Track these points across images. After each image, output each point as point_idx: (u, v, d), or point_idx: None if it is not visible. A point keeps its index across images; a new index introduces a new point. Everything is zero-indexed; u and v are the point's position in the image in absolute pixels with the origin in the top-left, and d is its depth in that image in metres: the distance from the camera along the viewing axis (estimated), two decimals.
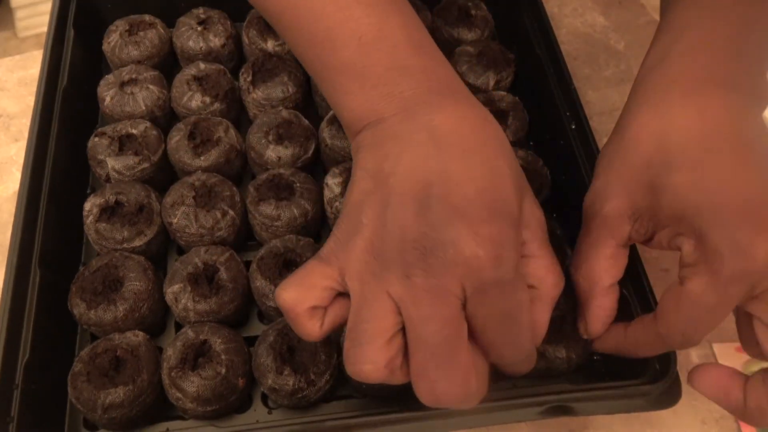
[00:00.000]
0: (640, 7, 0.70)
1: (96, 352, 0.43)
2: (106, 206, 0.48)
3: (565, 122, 0.51)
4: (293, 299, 0.34)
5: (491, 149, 0.34)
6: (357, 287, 0.33)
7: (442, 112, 0.34)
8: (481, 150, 0.34)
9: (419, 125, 0.34)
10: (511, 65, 0.58)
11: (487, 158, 0.33)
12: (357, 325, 0.33)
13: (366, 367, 0.32)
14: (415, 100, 0.35)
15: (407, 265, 0.31)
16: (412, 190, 0.32)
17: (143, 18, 0.60)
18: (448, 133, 0.34)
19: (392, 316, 0.32)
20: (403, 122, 0.35)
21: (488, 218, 0.32)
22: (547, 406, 0.40)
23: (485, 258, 0.31)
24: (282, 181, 0.50)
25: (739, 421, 0.47)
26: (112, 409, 0.41)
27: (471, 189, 0.32)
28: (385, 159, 0.34)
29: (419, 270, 0.31)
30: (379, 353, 0.32)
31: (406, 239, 0.32)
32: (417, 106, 0.35)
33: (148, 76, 0.56)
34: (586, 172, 0.48)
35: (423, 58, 0.37)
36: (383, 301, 0.32)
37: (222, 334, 0.44)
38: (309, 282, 0.34)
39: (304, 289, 0.34)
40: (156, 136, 0.53)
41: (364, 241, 0.33)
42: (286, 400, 0.43)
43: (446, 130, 0.34)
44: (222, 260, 0.47)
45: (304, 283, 0.34)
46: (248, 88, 0.55)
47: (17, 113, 0.63)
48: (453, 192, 0.32)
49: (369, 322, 0.32)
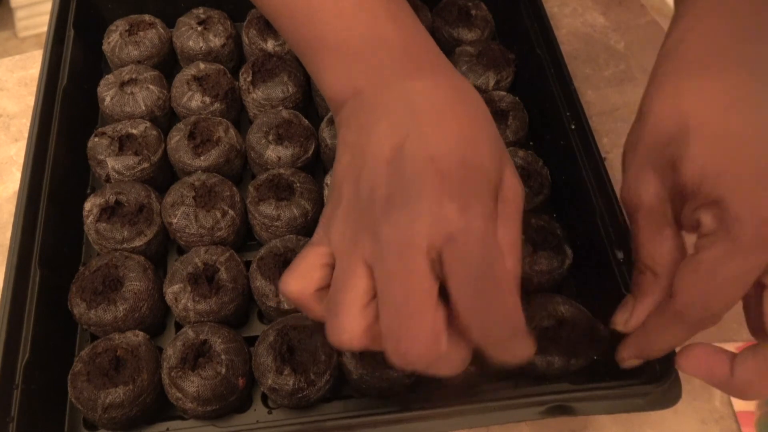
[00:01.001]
0: (640, 7, 0.70)
1: (96, 352, 0.43)
2: (106, 206, 0.48)
3: (565, 122, 0.51)
4: (297, 289, 0.34)
5: (469, 116, 0.34)
6: (337, 258, 0.33)
7: (419, 81, 0.35)
8: (457, 116, 0.34)
9: (395, 95, 0.34)
10: (511, 65, 0.58)
11: (464, 124, 0.33)
12: (334, 295, 0.32)
13: (344, 336, 0.31)
14: (392, 71, 0.35)
15: (375, 224, 0.31)
16: (384, 152, 0.32)
17: (143, 18, 0.60)
18: (424, 101, 0.34)
19: (366, 281, 0.31)
20: (380, 93, 0.35)
21: (459, 170, 0.31)
22: (547, 406, 0.40)
23: (452, 206, 0.30)
24: (282, 181, 0.50)
25: (740, 422, 0.47)
26: (112, 409, 0.41)
27: (443, 147, 0.32)
28: (361, 130, 0.34)
29: (385, 225, 0.30)
30: (354, 321, 0.31)
31: (376, 198, 0.31)
32: (394, 77, 0.35)
33: (148, 76, 0.56)
34: (586, 172, 0.48)
35: (401, 30, 0.37)
36: (357, 266, 0.31)
37: (222, 334, 0.44)
38: (306, 267, 0.34)
39: (303, 275, 0.34)
40: (156, 136, 0.53)
41: (342, 212, 0.33)
42: (286, 400, 0.43)
43: (422, 98, 0.34)
44: (222, 260, 0.47)
45: (301, 270, 0.34)
46: (248, 88, 0.55)
47: (17, 113, 0.63)
48: (425, 148, 0.32)
49: (343, 291, 0.32)
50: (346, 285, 0.32)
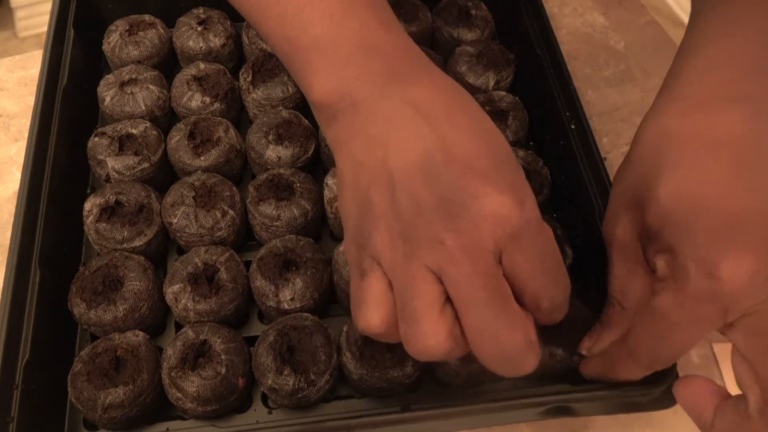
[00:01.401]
0: (640, 7, 0.70)
1: (96, 352, 0.43)
2: (106, 206, 0.48)
3: (565, 122, 0.51)
4: (381, 319, 0.33)
5: (473, 112, 0.35)
6: (395, 274, 0.32)
7: (418, 85, 0.35)
8: (465, 114, 0.34)
9: (398, 101, 0.34)
10: (511, 65, 0.58)
11: (474, 120, 0.34)
12: (405, 306, 0.32)
13: (429, 341, 0.31)
14: (388, 78, 0.35)
15: (435, 232, 0.31)
16: (413, 164, 0.32)
17: (143, 18, 0.60)
18: (430, 104, 0.34)
19: (435, 287, 0.31)
20: (381, 101, 0.34)
21: (497, 168, 0.32)
22: (547, 407, 0.40)
23: (510, 204, 0.31)
24: (282, 181, 0.50)
25: None
26: (112, 409, 0.41)
27: (470, 147, 0.32)
28: (374, 144, 0.34)
29: (449, 233, 0.31)
30: (437, 324, 0.31)
31: (426, 210, 0.31)
32: (391, 85, 0.35)
33: (148, 76, 0.56)
34: (586, 172, 0.48)
35: (391, 35, 0.37)
36: (422, 275, 0.31)
37: (222, 334, 0.44)
38: (377, 295, 0.33)
39: (379, 304, 0.33)
40: (156, 136, 0.53)
41: (384, 232, 0.32)
42: (286, 400, 0.43)
43: (427, 102, 0.34)
44: (222, 260, 0.47)
45: (375, 300, 0.33)
46: (248, 88, 0.55)
47: (17, 113, 0.63)
48: (454, 153, 0.32)
49: (416, 298, 0.31)
50: (418, 293, 0.31)
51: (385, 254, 0.32)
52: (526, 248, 0.32)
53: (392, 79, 0.35)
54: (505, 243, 0.31)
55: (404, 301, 0.32)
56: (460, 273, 0.31)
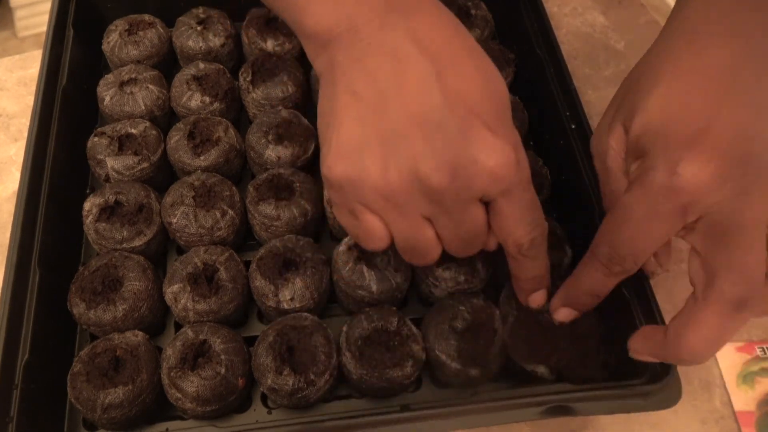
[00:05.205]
0: (640, 7, 0.70)
1: (95, 352, 0.43)
2: (106, 206, 0.48)
3: (565, 122, 0.51)
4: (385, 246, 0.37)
5: (477, 53, 0.35)
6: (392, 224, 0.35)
7: (419, 17, 0.34)
8: (469, 55, 0.35)
9: (401, 34, 0.34)
10: (511, 65, 0.58)
11: (477, 63, 0.35)
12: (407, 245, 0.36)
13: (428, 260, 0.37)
14: (385, 4, 0.34)
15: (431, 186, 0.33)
16: (414, 118, 0.33)
17: (143, 17, 0.60)
18: (432, 41, 0.34)
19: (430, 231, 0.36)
20: (381, 31, 0.34)
21: (499, 118, 0.33)
22: (547, 406, 0.40)
23: (509, 164, 0.33)
24: (282, 181, 0.50)
25: (739, 422, 0.47)
26: (111, 409, 0.41)
27: (475, 94, 0.33)
28: (372, 79, 0.34)
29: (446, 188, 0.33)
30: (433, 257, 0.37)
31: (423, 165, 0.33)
32: (393, 12, 0.34)
33: (148, 75, 0.56)
34: (586, 172, 0.48)
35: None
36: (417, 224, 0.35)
37: (221, 334, 0.44)
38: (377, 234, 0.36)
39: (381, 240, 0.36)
40: (155, 135, 0.53)
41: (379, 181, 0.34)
42: (285, 400, 0.43)
43: (430, 38, 0.34)
44: (222, 260, 0.47)
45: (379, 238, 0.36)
46: (248, 88, 0.55)
47: (17, 113, 0.63)
48: (458, 100, 0.33)
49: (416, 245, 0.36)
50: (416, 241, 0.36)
51: (378, 203, 0.34)
52: (514, 202, 0.35)
53: (392, 7, 0.34)
54: (495, 195, 0.34)
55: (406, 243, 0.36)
56: (449, 225, 0.35)
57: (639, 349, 0.39)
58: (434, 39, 0.34)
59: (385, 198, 0.34)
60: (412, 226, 0.35)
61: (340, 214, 0.37)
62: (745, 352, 0.50)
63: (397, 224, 0.35)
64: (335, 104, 0.34)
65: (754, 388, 0.49)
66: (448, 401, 0.41)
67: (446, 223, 0.35)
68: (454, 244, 0.36)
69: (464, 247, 0.37)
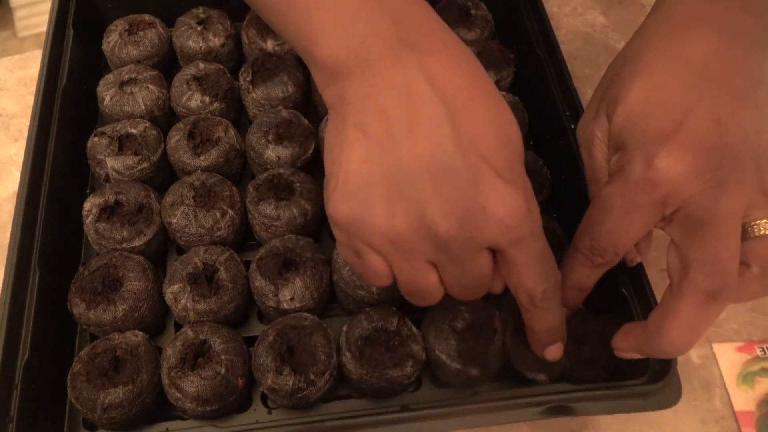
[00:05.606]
0: (640, 7, 0.70)
1: (95, 352, 0.43)
2: (106, 206, 0.48)
3: (565, 122, 0.51)
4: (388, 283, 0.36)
5: (493, 97, 0.34)
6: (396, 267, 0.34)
7: (435, 55, 0.33)
8: (483, 99, 0.34)
9: (414, 72, 0.32)
10: (511, 65, 0.58)
11: (493, 108, 0.34)
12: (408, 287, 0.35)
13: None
14: (399, 39, 0.33)
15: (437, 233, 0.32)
16: (423, 159, 0.32)
17: (143, 17, 0.60)
18: (447, 81, 0.33)
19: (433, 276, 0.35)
20: (395, 68, 0.33)
21: (511, 167, 0.33)
22: (547, 406, 0.40)
23: (520, 214, 0.32)
24: (282, 181, 0.50)
25: (739, 422, 0.47)
26: (111, 409, 0.41)
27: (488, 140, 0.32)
28: (383, 117, 0.32)
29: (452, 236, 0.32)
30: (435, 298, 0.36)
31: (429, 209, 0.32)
32: (407, 48, 0.33)
33: (148, 75, 0.56)
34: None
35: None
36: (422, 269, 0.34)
37: (221, 334, 0.44)
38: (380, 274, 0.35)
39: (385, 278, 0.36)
40: (155, 135, 0.53)
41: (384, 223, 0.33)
42: (285, 400, 0.43)
43: (444, 79, 0.33)
44: (221, 260, 0.47)
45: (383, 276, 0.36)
46: (248, 88, 0.55)
47: (17, 113, 0.63)
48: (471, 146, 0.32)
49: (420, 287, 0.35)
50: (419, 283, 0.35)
51: (383, 246, 0.34)
52: (525, 253, 0.34)
53: (404, 42, 0.33)
54: (504, 245, 0.33)
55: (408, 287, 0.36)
56: (454, 272, 0.34)
57: (622, 346, 0.39)
58: (449, 79, 0.33)
59: (390, 242, 0.33)
60: (416, 271, 0.34)
61: (344, 252, 0.36)
62: (745, 352, 0.50)
63: (401, 268, 0.34)
64: (344, 140, 0.34)
65: (754, 388, 0.49)
66: (448, 401, 0.41)
67: (451, 270, 0.34)
68: (457, 289, 0.35)
69: (468, 293, 0.36)
